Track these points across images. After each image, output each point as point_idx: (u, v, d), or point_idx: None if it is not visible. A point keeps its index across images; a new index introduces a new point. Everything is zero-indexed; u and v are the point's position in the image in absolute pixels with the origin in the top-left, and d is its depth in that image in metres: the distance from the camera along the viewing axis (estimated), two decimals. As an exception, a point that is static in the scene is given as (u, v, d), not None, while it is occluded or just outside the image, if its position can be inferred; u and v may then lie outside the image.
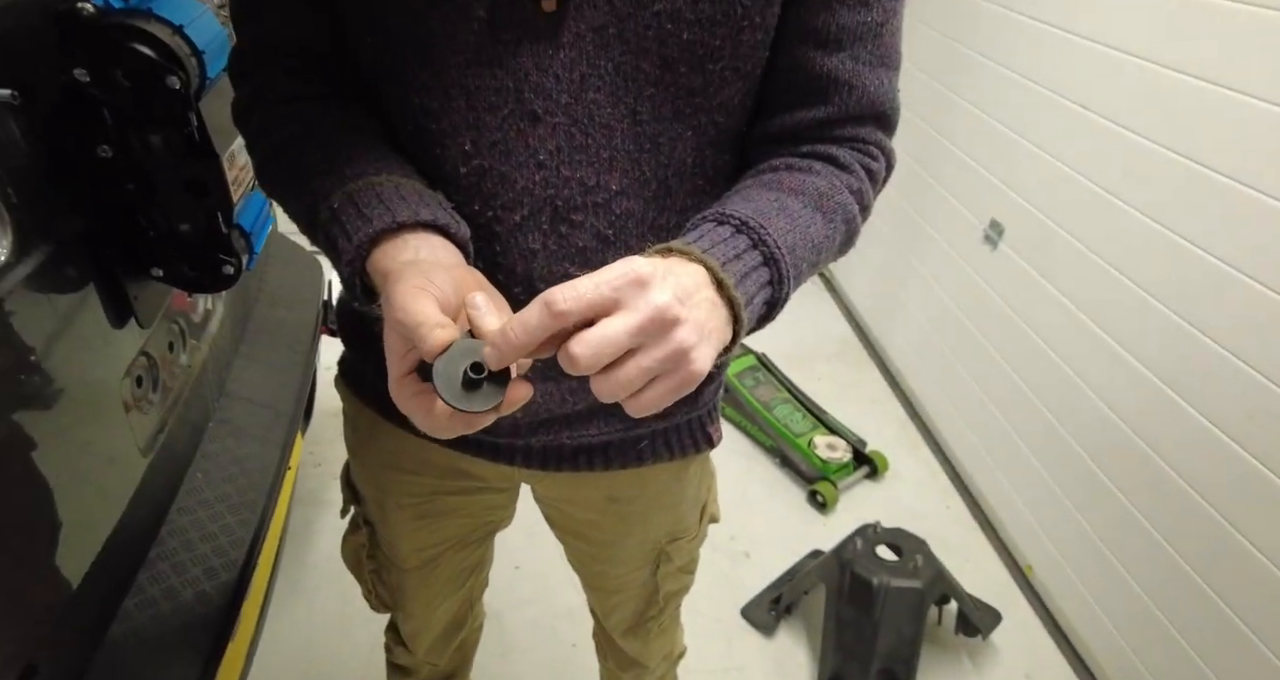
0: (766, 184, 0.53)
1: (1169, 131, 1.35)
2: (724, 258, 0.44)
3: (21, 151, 0.59)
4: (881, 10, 0.54)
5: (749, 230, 0.47)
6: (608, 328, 0.36)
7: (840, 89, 0.55)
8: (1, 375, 0.57)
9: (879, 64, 0.55)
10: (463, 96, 0.53)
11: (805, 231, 0.51)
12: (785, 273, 0.47)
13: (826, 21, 0.53)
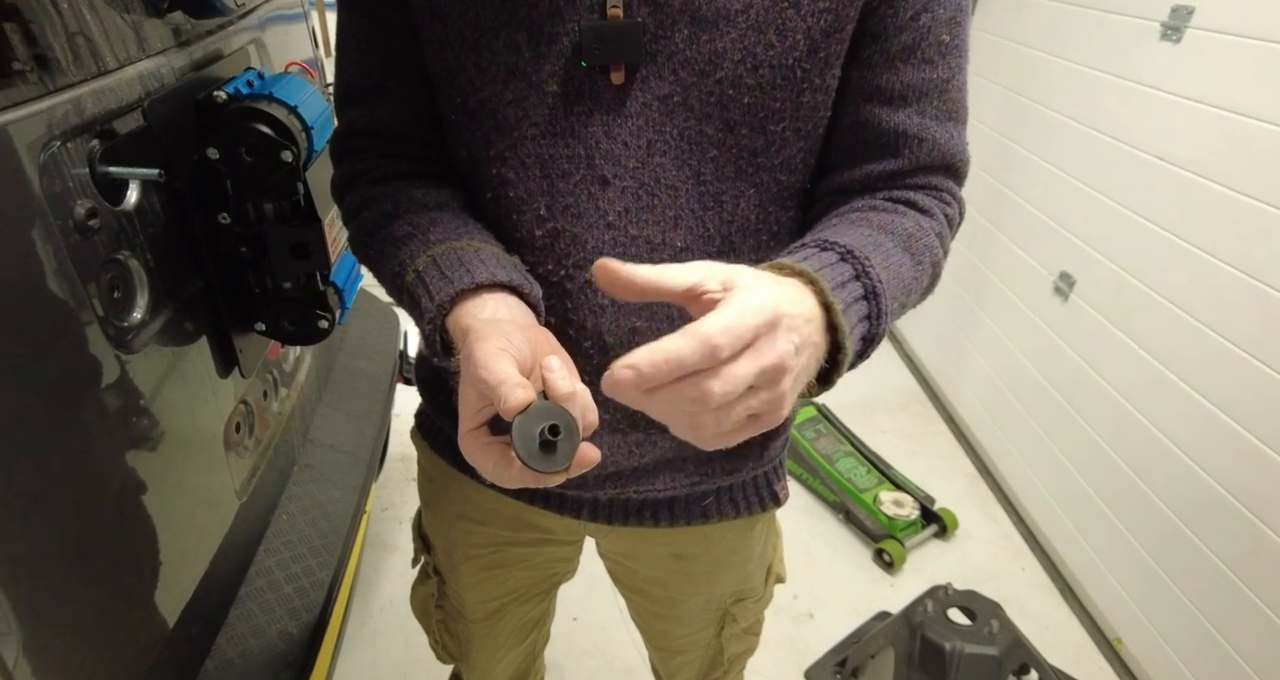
0: (856, 222, 0.54)
1: (1249, 179, 1.31)
2: (833, 283, 0.44)
3: (159, 221, 0.66)
4: (946, 67, 0.55)
5: (853, 259, 0.47)
6: (741, 370, 0.37)
7: (910, 142, 0.56)
8: (125, 421, 0.62)
9: (947, 118, 0.57)
10: (537, 165, 0.57)
11: (897, 271, 0.51)
12: (884, 308, 0.47)
13: (891, 80, 0.55)
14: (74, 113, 0.54)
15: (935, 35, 0.54)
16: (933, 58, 0.55)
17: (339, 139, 0.66)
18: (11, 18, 0.49)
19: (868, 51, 0.55)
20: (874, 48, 0.54)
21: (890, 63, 0.55)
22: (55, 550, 0.53)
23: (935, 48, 0.55)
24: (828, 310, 0.43)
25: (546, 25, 0.53)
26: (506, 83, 0.55)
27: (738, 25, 0.52)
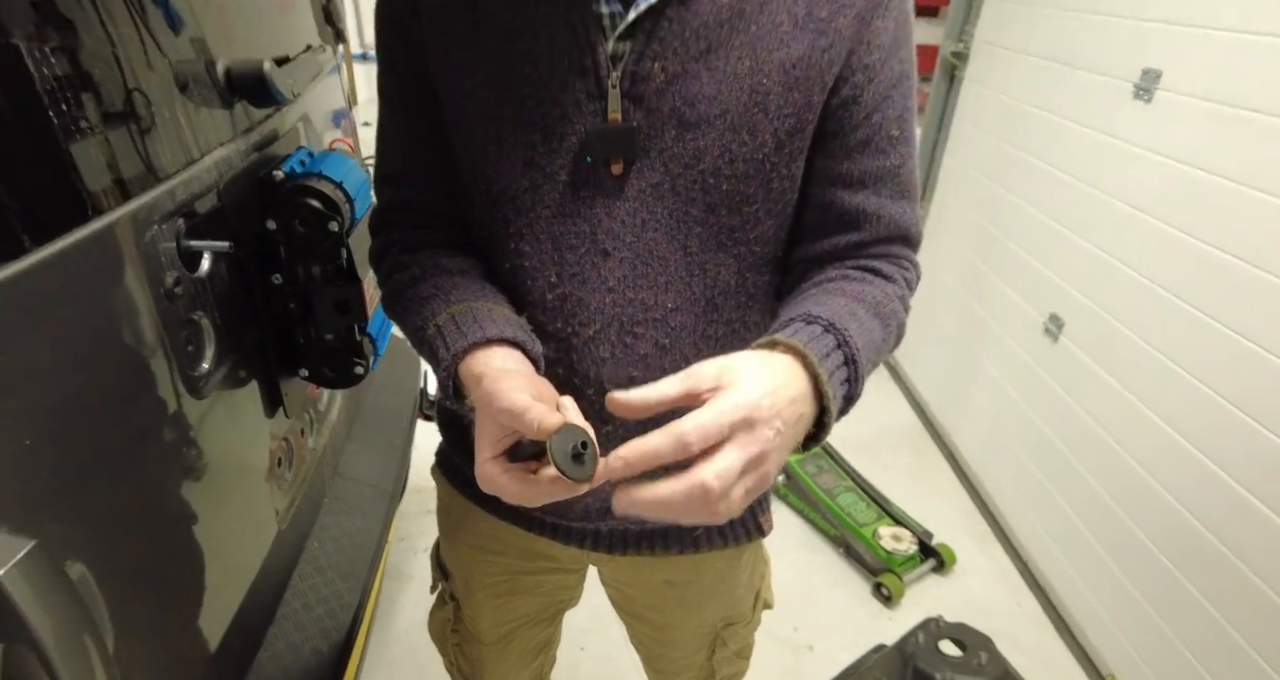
0: (832, 292, 0.63)
1: (1215, 232, 1.40)
2: (819, 354, 0.54)
3: (225, 285, 0.76)
4: (897, 156, 0.65)
5: (835, 330, 0.56)
6: (730, 462, 0.46)
7: (870, 218, 0.65)
8: (188, 456, 0.72)
9: (900, 197, 0.66)
10: (549, 240, 0.67)
11: (870, 335, 0.60)
12: (861, 372, 0.56)
13: (850, 168, 0.65)
14: (168, 200, 0.65)
15: (886, 131, 0.64)
16: (885, 149, 0.65)
17: (378, 214, 0.76)
18: (133, 129, 0.60)
19: (830, 145, 0.65)
20: (835, 142, 0.65)
21: (849, 154, 0.65)
22: (121, 570, 0.62)
23: (886, 140, 0.65)
24: (815, 380, 0.52)
25: (558, 127, 0.63)
26: (524, 173, 0.65)
27: (716, 127, 0.62)
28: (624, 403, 0.50)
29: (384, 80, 0.71)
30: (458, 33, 0.64)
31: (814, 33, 0.60)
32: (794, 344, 0.53)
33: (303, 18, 1.19)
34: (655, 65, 0.60)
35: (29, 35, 0.52)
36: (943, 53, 2.51)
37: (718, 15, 0.60)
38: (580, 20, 0.60)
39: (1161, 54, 1.56)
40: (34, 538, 0.48)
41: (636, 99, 0.61)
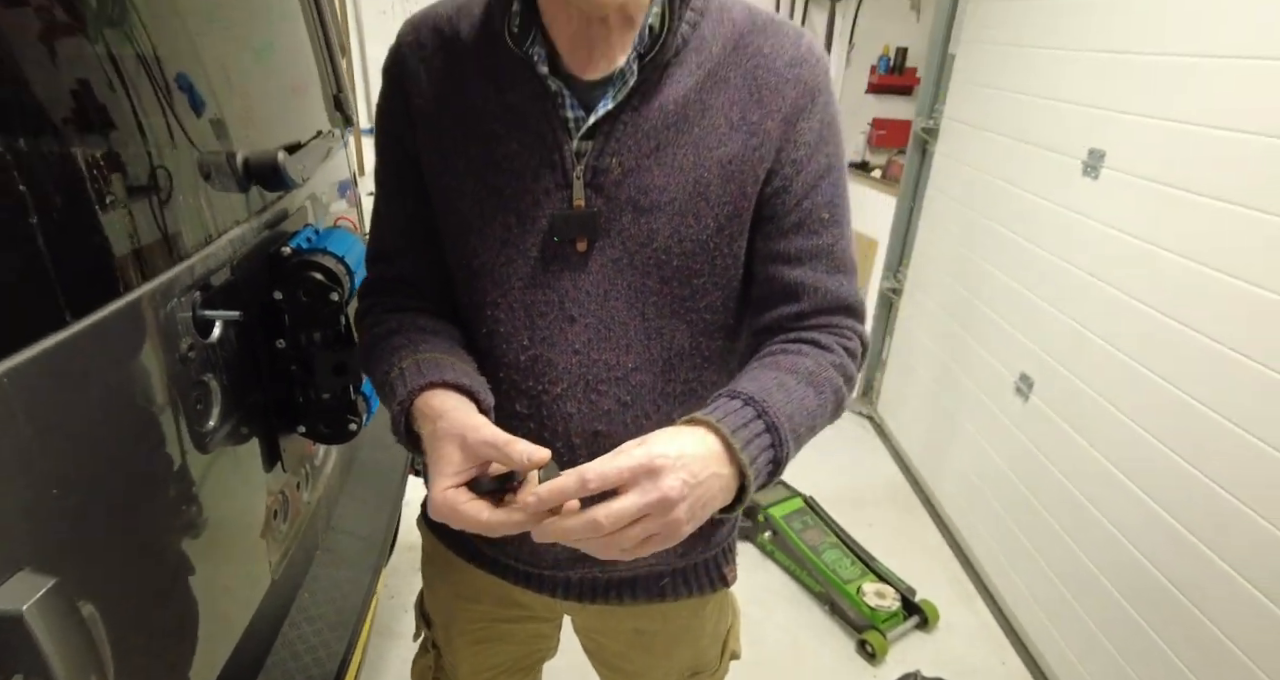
0: (767, 365, 0.71)
1: (1165, 301, 1.49)
2: (733, 425, 0.61)
3: (233, 349, 0.84)
4: (830, 236, 0.74)
5: (754, 402, 0.64)
6: (622, 503, 0.54)
7: (808, 291, 0.74)
8: (192, 507, 0.78)
9: (836, 271, 0.75)
10: (522, 309, 0.75)
11: (801, 402, 0.67)
12: (785, 437, 0.64)
13: (787, 247, 0.74)
14: (188, 275, 0.74)
15: (816, 214, 0.73)
16: (817, 230, 0.74)
17: (366, 286, 0.84)
18: (161, 213, 0.69)
19: (767, 228, 0.74)
20: (772, 225, 0.74)
21: (785, 235, 0.73)
22: (125, 614, 0.68)
23: (818, 222, 0.74)
24: (730, 448, 0.59)
25: (530, 212, 0.72)
26: (500, 250, 0.74)
27: (666, 212, 0.71)
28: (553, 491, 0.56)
29: (380, 169, 0.81)
30: (446, 134, 0.74)
31: (746, 134, 0.70)
32: (707, 419, 0.61)
33: (314, 103, 1.31)
34: (613, 160, 0.70)
35: (69, 122, 0.61)
36: (915, 128, 2.66)
37: (665, 119, 0.70)
38: (549, 124, 0.70)
39: (1105, 136, 1.69)
40: (54, 577, 0.55)
41: (597, 188, 0.71)
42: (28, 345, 0.53)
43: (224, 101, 0.91)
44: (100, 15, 0.69)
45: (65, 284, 0.58)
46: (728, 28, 0.71)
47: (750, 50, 0.71)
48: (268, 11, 1.15)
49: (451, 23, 0.74)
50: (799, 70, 0.71)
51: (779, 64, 0.71)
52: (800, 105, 0.71)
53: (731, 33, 0.71)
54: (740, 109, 0.70)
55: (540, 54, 0.69)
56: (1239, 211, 1.31)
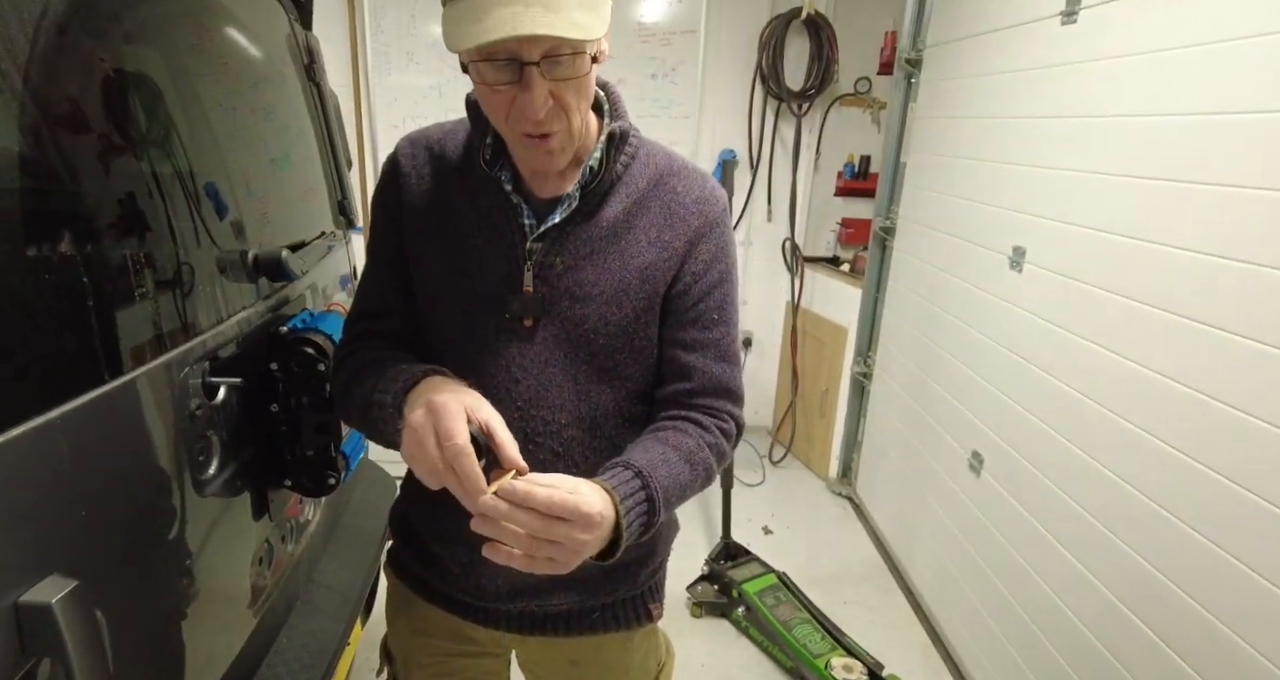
0: (659, 439, 0.88)
1: (1084, 384, 1.64)
2: (623, 494, 0.78)
3: (233, 410, 1.01)
4: (718, 331, 0.92)
5: (642, 477, 0.80)
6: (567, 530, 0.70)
7: (696, 373, 0.91)
8: (189, 547, 0.92)
9: (721, 360, 0.92)
10: (476, 369, 0.91)
11: (677, 477, 0.84)
12: (658, 506, 0.80)
13: (683, 336, 0.91)
14: (201, 348, 0.92)
15: (709, 315, 0.92)
16: (709, 326, 0.92)
17: (351, 338, 0.97)
18: (184, 298, 0.88)
19: (670, 319, 0.92)
20: (673, 318, 0.92)
21: (683, 326, 0.92)
22: (127, 622, 0.81)
23: (710, 321, 0.92)
24: (617, 514, 0.76)
25: (488, 292, 0.90)
26: (461, 321, 0.92)
27: (596, 302, 0.89)
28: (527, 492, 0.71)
29: (372, 242, 0.99)
30: (427, 224, 0.93)
31: (659, 248, 0.89)
32: (609, 488, 0.77)
33: (321, 207, 1.54)
34: (557, 259, 0.89)
35: (118, 227, 0.80)
36: (874, 227, 2.91)
37: (599, 232, 0.89)
38: (510, 228, 0.89)
39: (1026, 236, 1.89)
40: (76, 580, 0.69)
41: (543, 279, 0.89)
42: (77, 396, 0.70)
43: (244, 206, 1.12)
44: (148, 137, 0.90)
45: (107, 352, 0.76)
46: (652, 169, 0.91)
47: (667, 187, 0.91)
48: (286, 129, 1.39)
49: (440, 143, 0.95)
50: (703, 206, 0.91)
51: (688, 199, 0.91)
52: (701, 232, 0.91)
53: (655, 173, 0.91)
54: (656, 230, 0.90)
55: (507, 176, 0.89)
56: (1139, 307, 1.48)
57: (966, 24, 2.30)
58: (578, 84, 0.77)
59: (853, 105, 3.29)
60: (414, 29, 3.08)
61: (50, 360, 0.69)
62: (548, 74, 0.74)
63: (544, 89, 0.75)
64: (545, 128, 0.78)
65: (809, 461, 3.51)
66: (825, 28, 3.09)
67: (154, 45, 0.95)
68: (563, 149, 0.83)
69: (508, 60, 0.73)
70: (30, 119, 0.69)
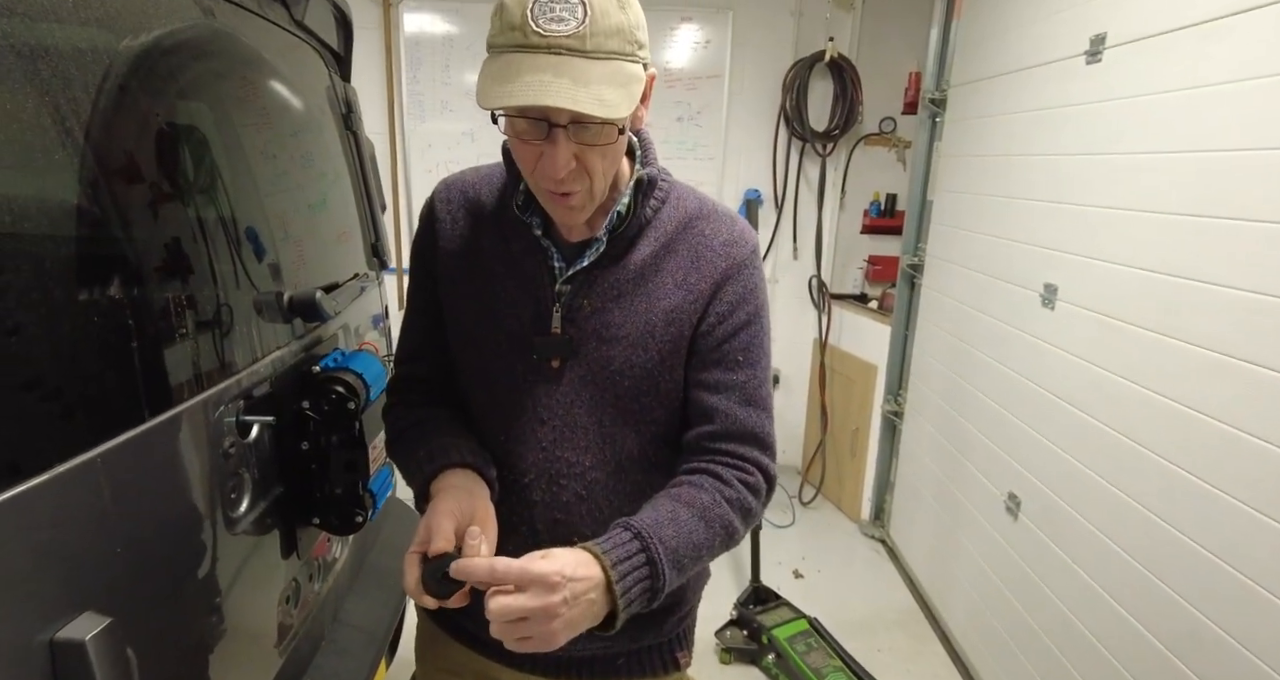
0: (671, 496, 0.86)
1: (1124, 423, 1.60)
2: (616, 558, 0.76)
3: (265, 448, 1.02)
4: (744, 374, 0.91)
5: (642, 537, 0.79)
6: (515, 600, 0.69)
7: (720, 415, 0.90)
8: (220, 581, 0.93)
9: (747, 404, 0.91)
10: (503, 408, 0.93)
11: (689, 536, 0.82)
12: (663, 569, 0.78)
13: (708, 377, 0.91)
14: (236, 387, 0.94)
15: (733, 356, 0.91)
16: (733, 368, 0.91)
17: (394, 382, 1.04)
18: (221, 339, 0.91)
19: (694, 360, 0.92)
20: (698, 358, 0.91)
21: (707, 368, 0.91)
22: (156, 664, 0.81)
23: (735, 363, 0.91)
24: (609, 579, 0.74)
25: (517, 333, 0.92)
26: (491, 362, 0.93)
27: (622, 344, 0.90)
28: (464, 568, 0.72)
29: (411, 291, 1.03)
30: (461, 269, 0.95)
31: (685, 291, 0.90)
32: (594, 550, 0.76)
33: (356, 249, 1.58)
34: (584, 301, 0.90)
35: (163, 271, 0.83)
36: (902, 264, 2.89)
37: (627, 275, 0.90)
38: (539, 271, 0.91)
39: (1056, 272, 1.87)
40: (110, 617, 0.70)
41: (570, 320, 0.90)
42: (119, 434, 0.72)
43: (281, 249, 1.16)
44: (195, 185, 0.94)
45: (148, 391, 0.78)
46: (681, 212, 0.93)
47: (695, 231, 0.92)
48: (323, 175, 1.44)
49: (475, 188, 0.98)
50: (730, 248, 0.92)
51: (715, 242, 0.91)
52: (728, 273, 0.91)
53: (684, 216, 0.92)
54: (683, 273, 0.90)
55: (537, 221, 0.91)
56: (1179, 345, 1.44)
57: (990, 64, 2.32)
58: (603, 150, 0.79)
59: (878, 145, 3.32)
60: (448, 78, 3.19)
61: (95, 399, 0.71)
62: (574, 136, 0.76)
63: (569, 151, 0.76)
64: (566, 187, 0.80)
65: (840, 502, 3.44)
66: (849, 70, 3.14)
67: (204, 99, 1.00)
68: (582, 207, 0.84)
69: (538, 118, 0.75)
70: (89, 172, 0.73)
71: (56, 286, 0.68)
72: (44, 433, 0.65)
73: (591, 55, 0.71)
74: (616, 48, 0.73)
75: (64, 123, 0.70)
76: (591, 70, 0.71)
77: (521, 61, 0.71)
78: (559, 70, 0.70)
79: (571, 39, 0.70)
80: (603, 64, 0.72)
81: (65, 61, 0.71)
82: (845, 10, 3.15)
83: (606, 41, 0.72)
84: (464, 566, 0.70)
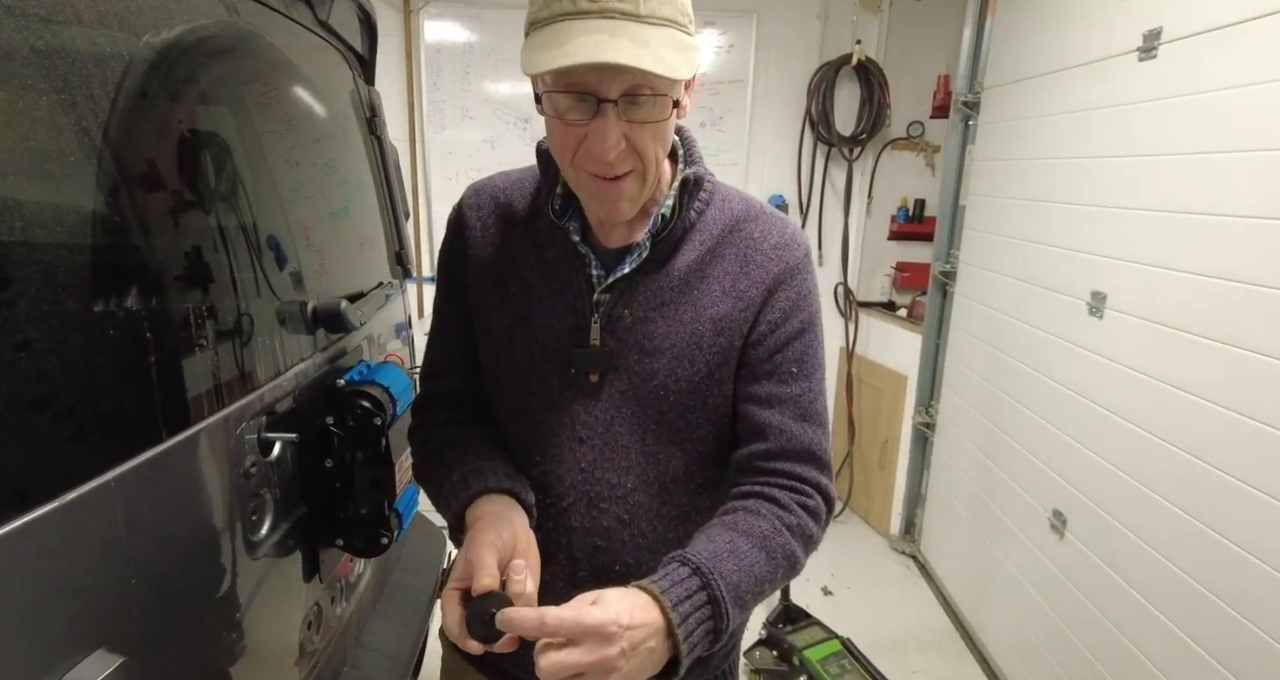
0: (727, 525, 0.78)
1: (1183, 437, 1.52)
2: (676, 598, 0.68)
3: (287, 466, 0.97)
4: (798, 387, 0.84)
5: (701, 573, 0.71)
6: (569, 656, 0.61)
7: (773, 432, 0.83)
8: (239, 607, 0.88)
9: (801, 419, 0.84)
10: (538, 427, 0.87)
11: (750, 569, 0.75)
12: (725, 609, 0.70)
13: (758, 391, 0.84)
14: (258, 403, 0.89)
15: (786, 368, 0.84)
16: (786, 380, 0.84)
17: (420, 400, 0.98)
18: (243, 352, 0.86)
19: (744, 372, 0.85)
20: (748, 371, 0.85)
21: (758, 380, 0.85)
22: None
23: (788, 374, 0.84)
24: (669, 623, 0.66)
25: (553, 345, 0.85)
26: (524, 376, 0.87)
27: (666, 356, 0.83)
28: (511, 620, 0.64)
29: (438, 302, 0.97)
30: (492, 277, 0.89)
31: (735, 298, 0.84)
32: (653, 590, 0.68)
33: (379, 257, 1.53)
34: (625, 311, 0.84)
35: (182, 280, 0.78)
36: (933, 272, 2.81)
37: (671, 282, 0.84)
38: (577, 278, 0.85)
39: (1105, 279, 1.79)
40: (123, 656, 0.65)
41: (611, 331, 0.84)
42: (134, 456, 0.67)
43: (302, 257, 1.11)
44: (217, 192, 0.89)
45: (165, 408, 0.73)
46: (727, 215, 0.86)
47: (744, 234, 0.85)
48: (345, 182, 1.40)
49: (506, 193, 0.91)
50: (782, 252, 0.85)
51: (766, 245, 0.85)
52: (780, 278, 0.84)
53: (730, 219, 0.86)
54: (731, 278, 0.84)
55: (575, 227, 0.85)
56: (1245, 354, 1.36)
57: (1028, 65, 2.24)
58: (655, 129, 0.73)
59: (905, 149, 3.24)
60: (468, 85, 3.16)
61: (110, 417, 0.66)
62: (624, 114, 0.70)
63: (619, 129, 0.71)
64: (614, 170, 0.74)
65: (868, 516, 3.35)
66: (876, 73, 3.07)
67: (226, 102, 0.96)
68: (632, 198, 0.78)
69: (585, 94, 0.69)
70: (105, 176, 0.68)
71: (70, 297, 0.63)
72: (54, 456, 0.60)
73: (646, 19, 0.67)
74: (670, 16, 0.69)
75: (80, 122, 0.66)
76: (649, 33, 0.67)
77: (572, 27, 0.66)
78: (616, 31, 0.66)
79: (625, 3, 0.66)
80: (659, 29, 0.68)
81: (81, 59, 0.67)
82: (872, 13, 3.09)
83: (660, 8, 0.68)
84: (510, 620, 0.63)
